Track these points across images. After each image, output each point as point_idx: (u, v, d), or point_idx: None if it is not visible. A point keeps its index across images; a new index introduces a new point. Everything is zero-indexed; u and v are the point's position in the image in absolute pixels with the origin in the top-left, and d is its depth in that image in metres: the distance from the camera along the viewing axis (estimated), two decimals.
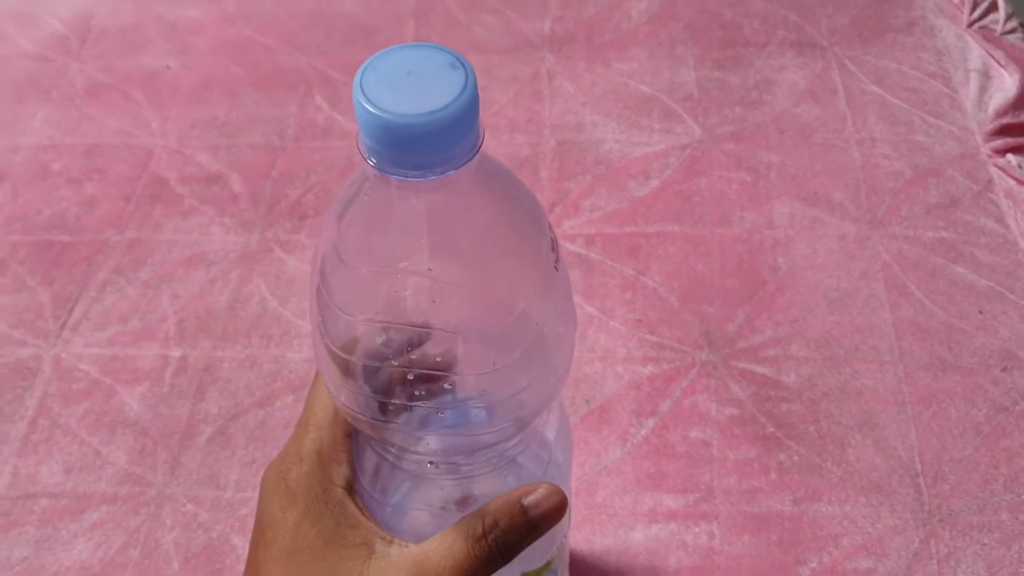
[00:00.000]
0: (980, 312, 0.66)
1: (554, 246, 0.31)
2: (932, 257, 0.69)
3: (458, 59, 0.26)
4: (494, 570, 0.30)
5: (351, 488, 0.33)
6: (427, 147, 0.26)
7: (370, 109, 0.25)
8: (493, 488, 0.37)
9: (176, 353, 0.66)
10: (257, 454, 0.61)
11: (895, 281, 0.67)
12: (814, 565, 0.55)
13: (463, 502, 0.37)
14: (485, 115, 0.80)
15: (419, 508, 0.38)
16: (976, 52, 0.83)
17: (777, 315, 0.66)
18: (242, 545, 0.57)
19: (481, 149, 0.28)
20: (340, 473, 0.33)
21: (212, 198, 0.76)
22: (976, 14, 0.87)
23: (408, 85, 0.25)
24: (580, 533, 0.57)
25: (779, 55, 0.84)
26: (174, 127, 0.82)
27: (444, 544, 0.30)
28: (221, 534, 0.58)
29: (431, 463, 0.35)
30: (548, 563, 0.43)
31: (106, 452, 0.62)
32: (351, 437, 0.34)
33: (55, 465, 0.61)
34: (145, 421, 0.63)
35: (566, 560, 0.48)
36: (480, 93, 0.83)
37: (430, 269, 0.29)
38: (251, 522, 0.58)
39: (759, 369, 0.63)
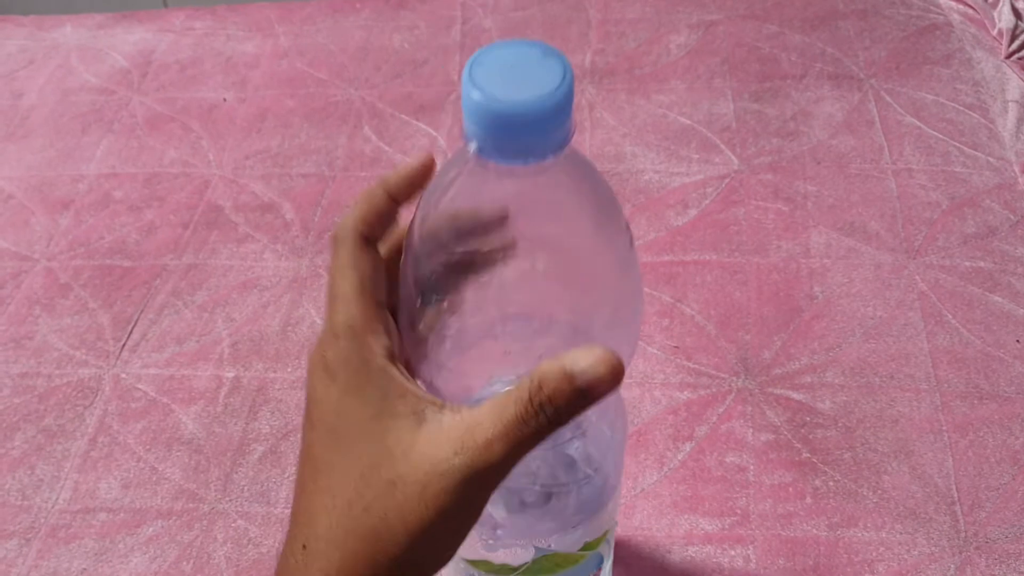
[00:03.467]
0: (1018, 341, 0.66)
1: (627, 226, 0.33)
2: (969, 287, 0.69)
3: (554, 52, 0.29)
4: (543, 436, 0.29)
5: (393, 357, 0.31)
6: (533, 133, 0.28)
7: (480, 98, 0.27)
8: (555, 462, 0.40)
9: (230, 374, 0.69)
10: None
11: (932, 310, 0.68)
12: None
13: (538, 474, 0.40)
14: None
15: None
16: (1014, 83, 0.84)
17: (813, 343, 0.67)
18: None
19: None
20: (379, 343, 0.31)
21: (265, 225, 0.79)
22: (1015, 45, 0.88)
23: (513, 76, 0.28)
24: (617, 554, 0.58)
25: (816, 87, 0.86)
26: (230, 157, 0.85)
27: (495, 408, 0.29)
28: (271, 549, 0.60)
29: None
30: (605, 533, 0.45)
31: (162, 469, 0.64)
32: (383, 307, 0.33)
33: (113, 481, 0.64)
34: (200, 439, 0.65)
35: (615, 531, 0.51)
36: None
37: (519, 252, 0.31)
38: None
39: (795, 396, 0.64)
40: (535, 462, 0.40)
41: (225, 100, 0.91)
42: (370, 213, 0.33)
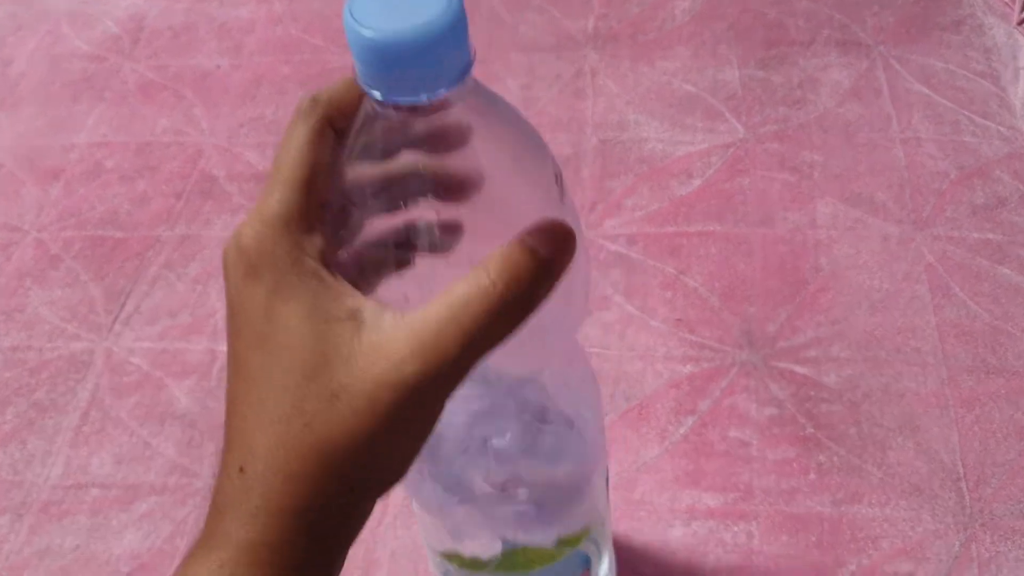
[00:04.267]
0: None
1: (558, 179, 0.31)
2: (977, 259, 0.68)
3: None
4: (509, 331, 0.26)
5: (327, 261, 0.27)
6: (419, 62, 0.25)
7: (361, 31, 0.25)
8: (520, 440, 0.38)
9: (224, 347, 0.68)
10: None
11: (939, 283, 0.67)
12: (853, 567, 0.55)
13: (490, 458, 0.38)
14: (528, 113, 0.80)
15: (449, 465, 0.39)
16: None
17: (818, 316, 0.66)
18: None
19: (475, 79, 0.27)
20: (312, 243, 0.27)
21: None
22: None
23: (395, 5, 0.25)
24: (618, 529, 0.57)
25: (823, 54, 0.84)
26: (224, 125, 0.83)
27: (448, 306, 0.25)
28: None
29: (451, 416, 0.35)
30: (586, 530, 0.43)
31: (155, 444, 0.63)
32: (324, 207, 0.28)
33: (106, 456, 0.63)
34: (193, 414, 0.64)
35: (608, 533, 0.49)
36: (523, 91, 0.84)
37: (430, 210, 0.29)
38: None
39: (799, 369, 0.63)
40: (489, 450, 0.38)
41: (219, 67, 0.89)
42: (346, 100, 0.29)
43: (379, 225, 0.29)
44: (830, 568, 0.55)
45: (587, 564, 0.46)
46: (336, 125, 0.29)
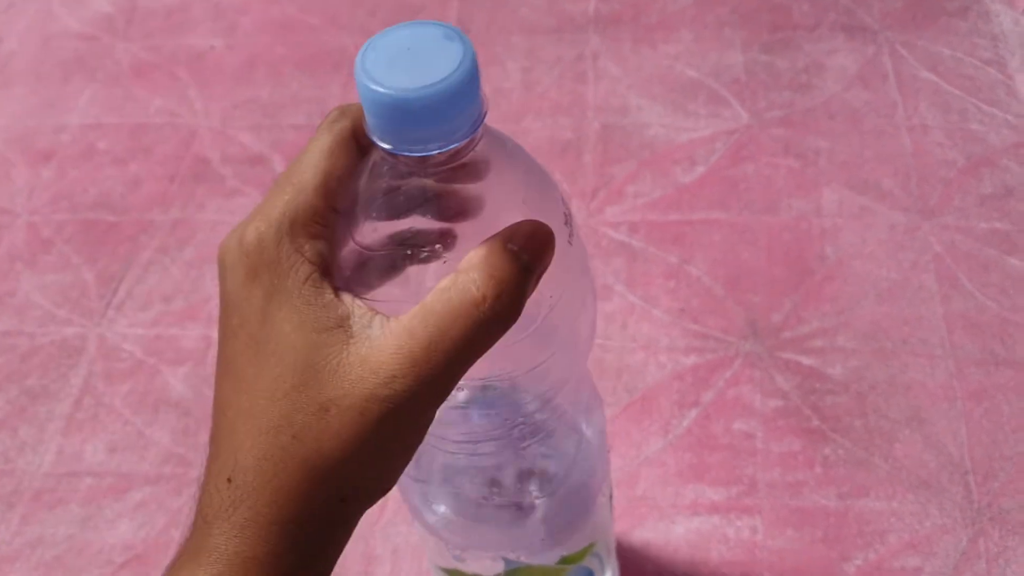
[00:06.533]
0: None
1: (567, 220, 0.31)
2: (985, 248, 0.67)
3: (455, 32, 0.26)
4: (495, 340, 0.26)
5: (326, 268, 0.27)
6: (430, 120, 0.25)
7: (372, 87, 0.25)
8: (527, 463, 0.38)
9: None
10: None
11: (946, 273, 0.66)
12: (859, 562, 0.54)
13: (496, 482, 0.38)
14: (529, 96, 0.79)
15: (455, 488, 0.38)
16: None
17: (824, 306, 0.65)
18: None
19: (486, 124, 0.27)
20: (313, 247, 0.27)
21: (254, 179, 0.76)
22: None
23: (408, 61, 0.25)
24: (620, 525, 0.56)
25: (829, 39, 0.83)
26: (218, 107, 0.82)
27: (435, 320, 0.25)
28: None
29: (459, 443, 0.35)
30: (590, 546, 0.43)
31: (149, 432, 0.62)
32: (335, 216, 0.28)
33: (99, 444, 0.62)
34: (188, 401, 0.63)
35: (611, 544, 0.49)
36: (524, 74, 0.83)
37: (438, 247, 0.29)
38: None
39: (805, 360, 0.62)
40: (495, 474, 0.38)
41: (213, 47, 0.88)
42: None
43: (384, 261, 0.29)
44: (836, 563, 0.54)
45: None
46: (362, 140, 0.28)
